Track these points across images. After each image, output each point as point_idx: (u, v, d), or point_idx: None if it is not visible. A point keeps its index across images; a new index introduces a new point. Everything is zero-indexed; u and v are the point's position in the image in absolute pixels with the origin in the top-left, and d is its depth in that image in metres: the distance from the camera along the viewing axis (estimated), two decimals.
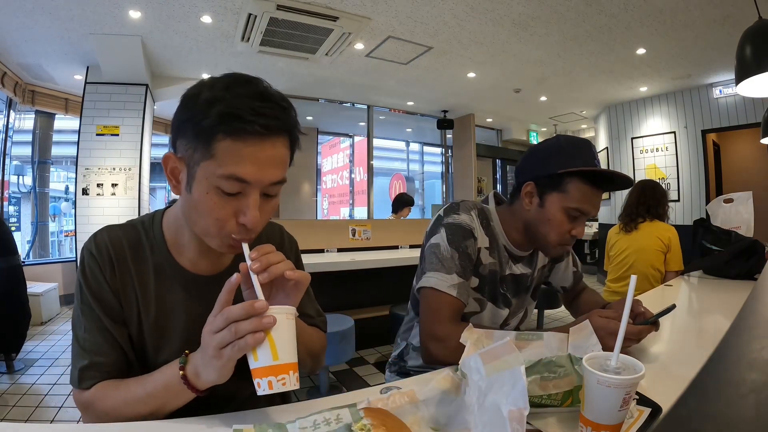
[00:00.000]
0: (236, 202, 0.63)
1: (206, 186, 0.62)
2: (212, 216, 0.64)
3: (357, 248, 3.54)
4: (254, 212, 0.63)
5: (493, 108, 6.68)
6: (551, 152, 1.00)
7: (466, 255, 1.00)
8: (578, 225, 0.99)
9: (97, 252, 0.72)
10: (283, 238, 0.91)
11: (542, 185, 1.00)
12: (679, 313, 1.36)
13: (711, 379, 0.26)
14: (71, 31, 3.67)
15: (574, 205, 0.96)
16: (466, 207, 1.06)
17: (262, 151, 0.61)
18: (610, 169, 1.00)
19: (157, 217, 0.78)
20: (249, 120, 0.59)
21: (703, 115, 5.32)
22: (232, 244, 0.66)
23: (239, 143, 0.60)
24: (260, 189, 0.64)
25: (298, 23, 3.59)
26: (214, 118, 0.59)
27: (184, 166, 0.65)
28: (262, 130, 0.60)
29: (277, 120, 0.62)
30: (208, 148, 0.60)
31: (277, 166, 0.64)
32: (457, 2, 3.35)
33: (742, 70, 1.46)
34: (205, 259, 0.77)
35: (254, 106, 0.60)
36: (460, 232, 1.01)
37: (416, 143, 8.58)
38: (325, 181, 8.23)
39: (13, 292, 2.78)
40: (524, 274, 1.13)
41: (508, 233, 1.08)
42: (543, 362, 0.63)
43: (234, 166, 0.60)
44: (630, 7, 3.36)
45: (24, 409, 2.28)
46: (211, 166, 0.61)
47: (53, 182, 5.63)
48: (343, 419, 0.58)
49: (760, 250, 1.76)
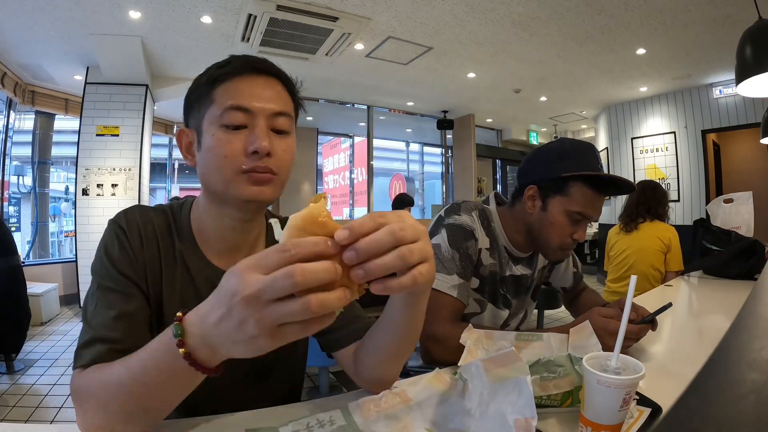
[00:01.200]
0: (243, 136, 0.63)
1: (212, 129, 0.64)
2: (221, 154, 0.63)
3: None
4: (263, 137, 0.63)
5: (493, 108, 6.68)
6: (555, 155, 1.00)
7: (467, 256, 1.00)
8: (580, 229, 0.99)
9: (127, 225, 0.67)
10: None
11: (545, 188, 1.00)
12: (679, 313, 1.36)
13: (711, 379, 0.26)
14: (71, 31, 3.67)
15: (576, 209, 0.96)
16: (467, 208, 1.06)
17: (259, 84, 0.66)
18: (613, 174, 1.00)
19: (186, 204, 0.75)
20: (242, 65, 0.66)
21: (703, 115, 5.32)
22: (247, 181, 0.63)
23: (235, 81, 0.65)
24: (265, 119, 0.64)
25: (298, 23, 3.58)
26: (212, 74, 0.65)
27: (194, 133, 0.67)
28: (259, 68, 0.66)
29: (267, 64, 0.67)
30: (209, 97, 0.65)
31: (277, 99, 0.66)
32: (457, 2, 3.35)
33: (742, 70, 1.46)
34: (229, 254, 0.73)
35: (248, 60, 0.67)
36: (461, 233, 1.01)
37: (416, 143, 8.58)
38: (327, 181, 8.23)
39: (13, 292, 2.78)
40: (524, 275, 1.13)
41: (508, 234, 1.09)
42: (542, 362, 0.62)
43: (233, 98, 0.63)
44: (630, 7, 3.36)
45: (24, 409, 2.27)
46: (213, 110, 0.64)
47: (53, 182, 5.63)
48: (336, 421, 0.59)
49: (760, 250, 1.76)
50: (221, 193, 0.65)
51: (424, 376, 0.70)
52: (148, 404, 0.49)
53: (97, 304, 0.61)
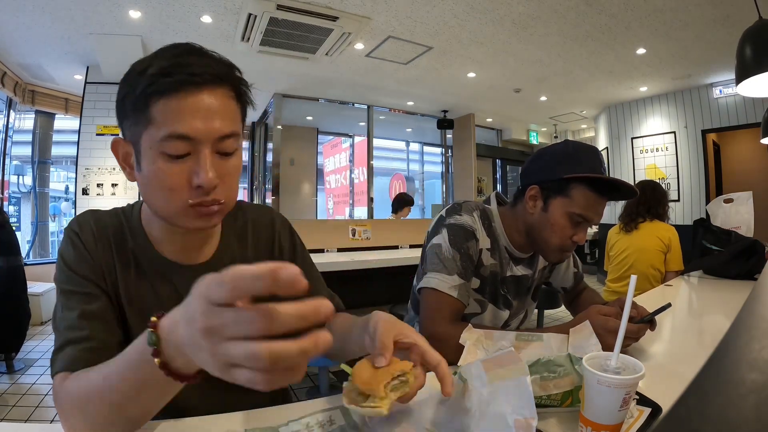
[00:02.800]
0: (187, 166, 0.58)
1: (152, 155, 0.57)
2: (164, 187, 0.58)
3: (357, 248, 3.54)
4: (207, 170, 0.57)
5: (493, 108, 6.68)
6: (558, 157, 1.00)
7: (468, 256, 1.00)
8: (580, 231, 0.99)
9: (80, 229, 0.67)
10: (273, 222, 0.84)
11: (547, 189, 1.00)
12: (679, 313, 1.36)
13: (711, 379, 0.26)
14: (71, 31, 3.67)
15: (577, 211, 0.96)
16: (468, 208, 1.06)
17: (201, 102, 0.57)
18: (614, 176, 1.02)
19: (137, 206, 0.74)
20: (180, 73, 0.55)
21: (703, 115, 5.31)
22: (195, 214, 0.60)
23: (174, 98, 0.56)
24: (210, 145, 0.58)
25: (298, 23, 3.58)
26: (145, 83, 0.56)
27: (131, 146, 0.61)
28: (198, 79, 0.56)
29: (211, 69, 0.58)
30: (146, 114, 0.56)
31: (222, 117, 0.58)
32: (457, 2, 3.35)
33: (742, 70, 1.45)
34: (184, 248, 0.71)
35: (183, 61, 0.57)
36: (462, 233, 1.01)
37: (416, 143, 8.57)
38: (329, 181, 8.22)
39: (13, 292, 2.78)
40: (525, 275, 1.13)
41: (509, 235, 1.08)
42: (542, 361, 0.62)
43: (174, 124, 0.56)
44: (630, 7, 3.36)
45: (24, 409, 2.28)
46: (152, 132, 0.57)
47: (53, 182, 5.63)
48: (336, 421, 0.59)
49: (760, 250, 1.76)
50: (167, 219, 0.64)
51: None
52: (129, 413, 0.49)
53: (62, 308, 0.62)
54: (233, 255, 0.77)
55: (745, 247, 1.79)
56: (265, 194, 6.08)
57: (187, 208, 0.59)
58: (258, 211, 0.84)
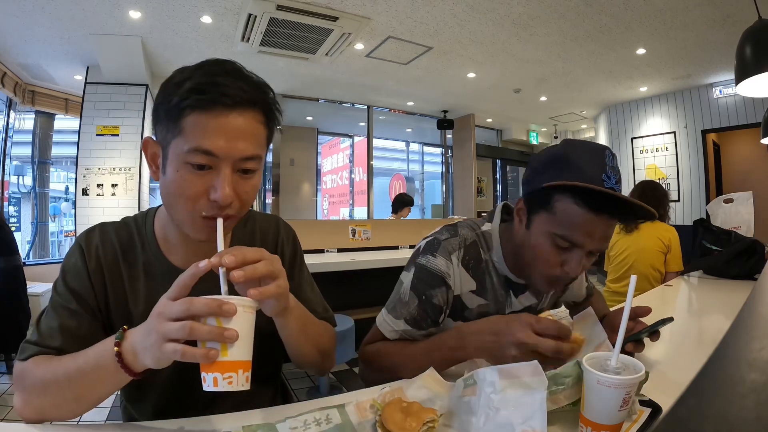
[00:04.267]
0: (207, 179, 0.61)
1: (177, 164, 0.61)
2: (183, 194, 0.61)
3: (357, 248, 3.54)
4: (225, 187, 0.60)
5: (493, 108, 6.68)
6: (548, 160, 0.78)
7: (430, 304, 0.86)
8: (571, 259, 0.76)
9: (86, 247, 0.71)
10: (278, 229, 0.87)
11: (531, 202, 0.80)
12: (679, 313, 1.36)
13: (711, 379, 0.26)
14: (71, 31, 3.67)
15: (559, 232, 0.74)
16: (448, 248, 0.88)
17: (229, 123, 0.60)
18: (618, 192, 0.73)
19: (150, 213, 0.77)
20: (214, 92, 0.59)
21: (703, 115, 5.32)
22: (203, 225, 0.63)
23: (205, 115, 0.59)
24: (232, 164, 0.61)
25: (298, 23, 3.58)
26: (182, 95, 0.59)
27: (160, 149, 0.64)
28: (229, 101, 0.59)
29: (244, 92, 0.61)
30: (177, 125, 0.60)
31: (247, 139, 0.62)
32: (457, 2, 3.35)
33: (742, 70, 1.46)
34: (196, 257, 0.72)
35: (221, 81, 0.60)
36: (427, 279, 0.86)
37: (416, 143, 8.57)
38: (325, 181, 8.22)
39: (12, 292, 2.78)
40: (530, 306, 0.97)
41: (507, 257, 0.90)
42: (548, 376, 0.59)
43: (200, 139, 0.59)
44: (630, 7, 3.36)
45: None
46: (180, 143, 0.60)
47: (53, 182, 5.63)
48: (332, 420, 0.59)
49: (760, 250, 1.76)
50: (178, 224, 0.67)
51: (420, 376, 0.70)
52: (80, 392, 0.59)
53: (48, 312, 0.68)
54: None
55: (745, 247, 1.79)
56: (265, 194, 6.09)
57: (199, 218, 0.63)
58: (266, 220, 0.88)
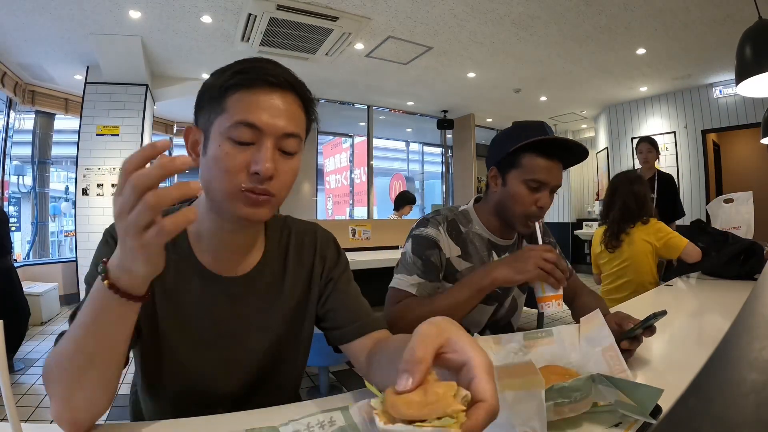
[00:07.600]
0: (248, 153, 0.62)
1: (219, 140, 0.63)
2: (224, 168, 0.62)
3: (357, 248, 3.54)
4: (266, 160, 0.61)
5: (493, 108, 6.68)
6: (505, 136, 1.11)
7: (430, 262, 1.09)
8: (542, 197, 1.07)
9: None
10: (316, 236, 0.84)
11: (502, 167, 1.10)
12: (679, 314, 1.36)
13: (711, 379, 0.26)
14: (71, 31, 3.67)
15: (531, 177, 1.05)
16: (435, 221, 1.15)
17: (270, 100, 0.63)
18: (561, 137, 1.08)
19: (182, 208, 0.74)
20: (258, 72, 0.63)
21: (703, 115, 5.32)
22: (243, 198, 0.62)
23: (248, 93, 0.63)
24: (274, 139, 0.63)
25: (298, 23, 3.59)
26: (227, 78, 0.63)
27: (202, 134, 0.66)
28: (272, 79, 0.64)
29: (282, 74, 0.65)
30: (221, 105, 0.63)
31: (289, 117, 0.64)
32: (457, 2, 3.35)
33: (742, 70, 1.46)
34: (227, 258, 0.73)
35: (259, 65, 0.65)
36: (424, 243, 1.11)
37: (416, 143, 8.57)
38: (329, 181, 8.22)
39: (7, 292, 2.77)
40: None
41: (487, 224, 1.17)
42: (555, 388, 0.57)
43: (244, 113, 0.62)
44: (630, 7, 3.36)
45: (24, 409, 2.27)
46: (223, 120, 0.63)
47: (53, 182, 5.63)
48: (336, 422, 0.59)
49: (759, 252, 1.76)
50: (218, 203, 0.66)
51: None
52: (92, 349, 0.53)
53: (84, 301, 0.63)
54: (273, 269, 0.78)
55: (742, 249, 1.79)
56: None
57: (239, 192, 0.62)
58: (303, 226, 0.86)
